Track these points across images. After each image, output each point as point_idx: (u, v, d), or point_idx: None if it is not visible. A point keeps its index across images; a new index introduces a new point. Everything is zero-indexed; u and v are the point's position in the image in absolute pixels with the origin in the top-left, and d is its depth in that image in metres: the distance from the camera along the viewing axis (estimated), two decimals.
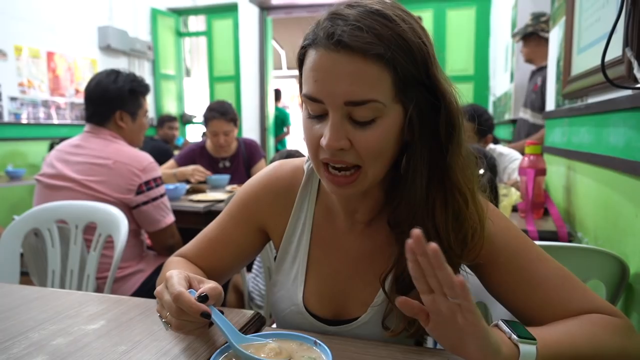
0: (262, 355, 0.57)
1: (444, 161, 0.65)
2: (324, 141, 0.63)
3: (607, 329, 0.64)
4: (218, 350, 0.58)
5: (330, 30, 0.61)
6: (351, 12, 0.61)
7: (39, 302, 0.84)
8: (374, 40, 0.59)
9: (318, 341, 0.60)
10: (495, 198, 1.55)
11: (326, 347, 0.58)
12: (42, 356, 0.64)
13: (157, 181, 1.75)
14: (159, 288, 0.72)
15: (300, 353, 0.59)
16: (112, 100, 1.77)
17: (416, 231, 0.49)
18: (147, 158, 1.74)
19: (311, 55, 0.64)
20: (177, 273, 0.66)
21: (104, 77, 1.80)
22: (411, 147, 0.66)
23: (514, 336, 0.56)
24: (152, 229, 1.75)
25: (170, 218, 1.80)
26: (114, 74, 1.81)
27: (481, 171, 1.40)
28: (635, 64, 0.99)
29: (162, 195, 1.77)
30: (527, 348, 0.56)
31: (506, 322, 0.60)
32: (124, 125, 1.80)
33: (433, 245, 0.48)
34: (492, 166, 1.64)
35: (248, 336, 0.62)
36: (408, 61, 0.61)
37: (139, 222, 1.74)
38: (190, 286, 0.66)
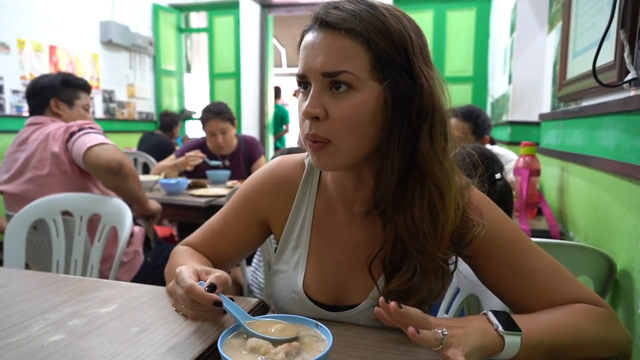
0: (271, 330, 0.61)
1: (419, 149, 0.68)
2: (302, 109, 0.69)
3: (590, 318, 0.68)
4: (228, 329, 0.62)
5: (317, 15, 0.69)
6: (341, 1, 0.69)
7: (54, 286, 0.88)
8: (348, 18, 0.66)
9: (319, 323, 0.64)
10: (510, 204, 1.54)
11: (327, 328, 0.61)
12: (59, 335, 0.68)
13: (83, 127, 1.72)
14: (171, 284, 0.77)
15: (302, 332, 0.63)
16: (44, 90, 1.88)
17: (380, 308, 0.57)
18: (76, 122, 1.77)
19: (303, 40, 0.72)
20: (185, 268, 0.72)
21: (38, 77, 1.94)
22: (390, 131, 0.69)
23: (501, 328, 0.60)
24: (83, 150, 1.64)
25: (103, 139, 1.69)
26: (47, 74, 1.96)
27: (498, 176, 1.42)
28: (627, 47, 1.02)
29: (92, 129, 1.72)
30: (511, 339, 0.60)
31: (495, 313, 0.63)
32: (61, 113, 1.89)
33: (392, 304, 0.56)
34: (499, 169, 1.60)
35: (256, 317, 0.66)
36: (385, 42, 0.66)
37: (77, 160, 1.69)
38: (199, 279, 0.71)
